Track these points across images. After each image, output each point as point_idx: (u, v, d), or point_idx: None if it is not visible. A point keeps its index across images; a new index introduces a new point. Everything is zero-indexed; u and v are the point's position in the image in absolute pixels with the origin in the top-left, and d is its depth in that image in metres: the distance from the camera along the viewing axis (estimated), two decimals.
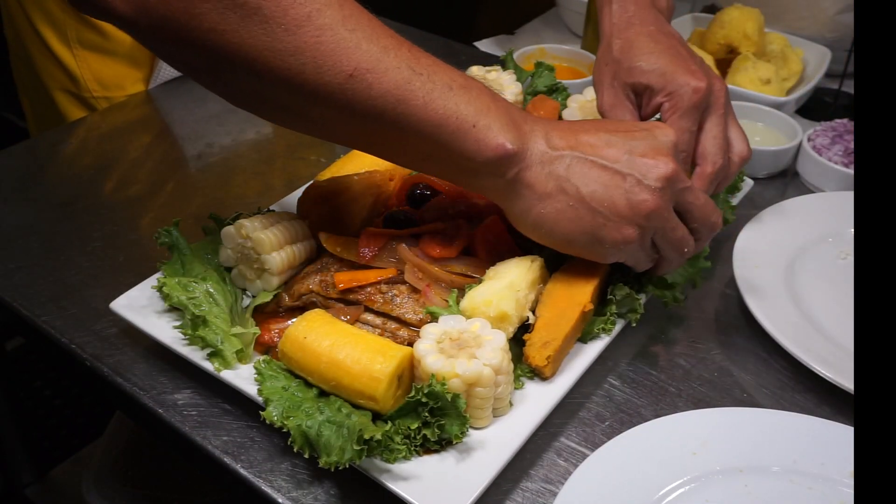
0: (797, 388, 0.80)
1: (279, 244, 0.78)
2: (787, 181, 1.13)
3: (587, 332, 0.77)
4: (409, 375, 0.69)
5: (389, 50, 0.64)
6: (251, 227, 0.78)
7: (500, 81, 1.09)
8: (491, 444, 0.67)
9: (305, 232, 0.81)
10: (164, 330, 0.76)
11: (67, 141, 1.19)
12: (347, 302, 0.77)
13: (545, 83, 1.16)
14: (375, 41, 0.63)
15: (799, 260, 0.93)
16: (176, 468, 1.40)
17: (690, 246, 0.77)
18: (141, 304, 0.78)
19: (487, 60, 1.29)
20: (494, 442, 0.68)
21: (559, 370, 0.74)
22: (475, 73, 1.12)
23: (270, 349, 0.77)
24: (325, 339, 0.69)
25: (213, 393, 0.75)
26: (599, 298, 0.79)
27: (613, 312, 0.78)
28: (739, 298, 0.87)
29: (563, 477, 0.70)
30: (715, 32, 1.33)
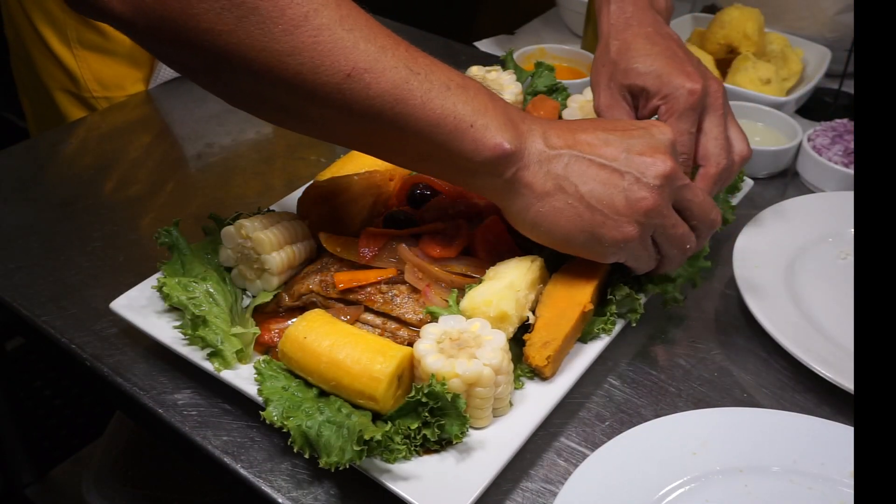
0: (797, 388, 0.80)
1: (279, 244, 0.78)
2: (787, 181, 1.13)
3: (587, 332, 0.77)
4: (409, 375, 0.69)
5: (387, 50, 0.64)
6: (251, 227, 0.78)
7: (500, 81, 1.09)
8: (491, 444, 0.67)
9: (305, 232, 0.81)
10: (164, 330, 0.76)
11: (67, 141, 1.19)
12: (347, 302, 0.77)
13: (545, 83, 1.16)
14: (373, 41, 0.63)
15: (799, 260, 0.93)
16: (176, 468, 1.40)
17: (692, 243, 0.77)
18: (141, 304, 0.78)
19: (487, 60, 1.29)
20: (494, 442, 0.68)
21: (559, 370, 0.74)
22: (475, 73, 1.12)
23: (270, 349, 0.77)
24: (325, 339, 0.69)
25: (213, 393, 0.75)
26: (599, 298, 0.79)
27: (613, 312, 0.78)
28: (739, 298, 0.87)
29: (563, 477, 0.70)
30: (715, 32, 1.32)
